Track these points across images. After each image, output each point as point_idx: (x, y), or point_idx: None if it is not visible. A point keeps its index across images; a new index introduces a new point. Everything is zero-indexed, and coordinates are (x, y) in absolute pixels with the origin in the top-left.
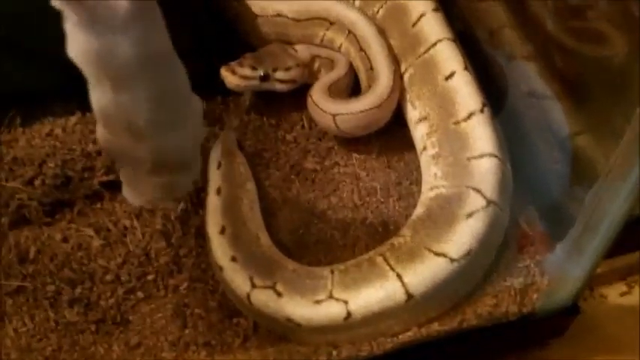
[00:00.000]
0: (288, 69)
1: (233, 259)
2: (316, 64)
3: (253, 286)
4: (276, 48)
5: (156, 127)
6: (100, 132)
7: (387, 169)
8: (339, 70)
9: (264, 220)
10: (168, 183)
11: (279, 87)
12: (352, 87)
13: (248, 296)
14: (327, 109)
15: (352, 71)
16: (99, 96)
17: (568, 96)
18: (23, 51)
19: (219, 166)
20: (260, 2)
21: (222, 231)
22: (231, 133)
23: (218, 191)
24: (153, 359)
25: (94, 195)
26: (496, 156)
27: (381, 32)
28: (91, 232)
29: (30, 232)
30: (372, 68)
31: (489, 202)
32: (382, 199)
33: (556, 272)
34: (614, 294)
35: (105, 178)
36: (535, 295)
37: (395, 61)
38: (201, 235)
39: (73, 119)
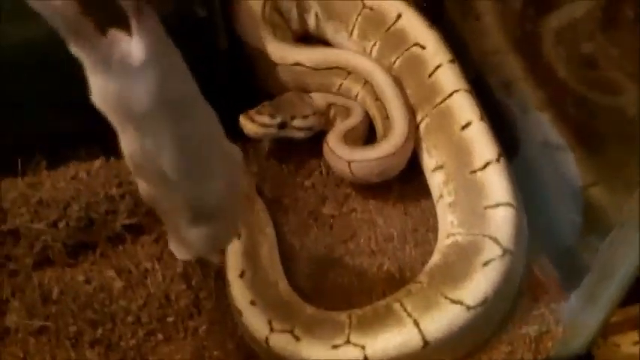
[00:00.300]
0: (305, 117)
1: (252, 302)
2: (332, 112)
3: (272, 329)
4: (293, 96)
5: (186, 174)
6: (139, 183)
7: (404, 215)
8: (355, 118)
9: (283, 265)
10: (211, 234)
11: (297, 135)
12: (367, 135)
13: (266, 340)
14: (343, 155)
15: (367, 119)
16: (127, 142)
17: (582, 146)
18: (50, 97)
19: None
20: (280, 51)
21: (242, 275)
22: (251, 178)
23: (238, 236)
24: None
25: (117, 237)
26: (512, 205)
27: (397, 82)
28: (112, 273)
29: (53, 273)
30: (387, 117)
31: (505, 251)
32: (399, 246)
33: (571, 320)
34: (627, 343)
35: (127, 221)
36: (550, 343)
37: (410, 110)
38: (221, 278)
39: (97, 163)
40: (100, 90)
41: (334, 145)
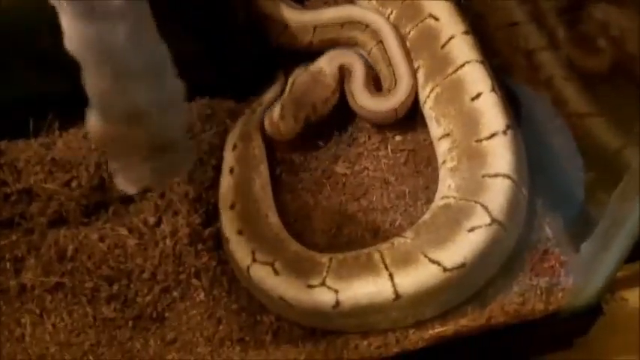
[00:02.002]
0: (326, 100)
1: (239, 232)
2: (344, 74)
3: (254, 260)
4: (306, 80)
5: (151, 109)
6: (94, 123)
7: (416, 174)
8: (361, 68)
9: (297, 223)
10: (163, 166)
11: (324, 114)
12: None
13: (248, 269)
14: (387, 106)
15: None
16: (97, 84)
17: (610, 112)
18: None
19: (234, 147)
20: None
21: (232, 206)
22: (258, 109)
23: (231, 170)
24: (189, 354)
25: (127, 197)
26: (511, 178)
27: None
28: (125, 232)
29: (68, 232)
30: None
31: (494, 221)
32: (411, 202)
33: (581, 271)
34: (634, 297)
35: None
36: (561, 294)
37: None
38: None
39: None
40: (79, 35)
41: (372, 104)
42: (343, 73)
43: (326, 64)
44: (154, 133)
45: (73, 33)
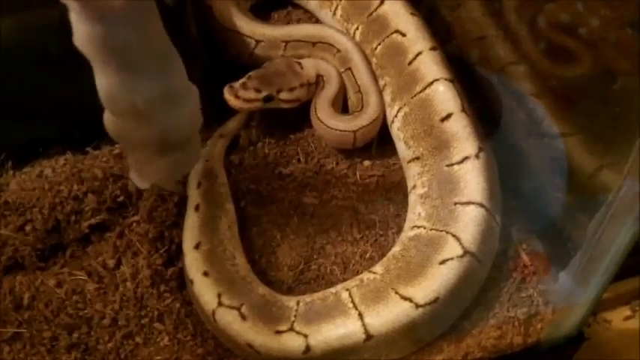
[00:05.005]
0: (292, 89)
1: (205, 274)
2: (320, 83)
3: (220, 304)
4: (282, 65)
5: (158, 107)
6: (108, 118)
7: (386, 201)
8: (335, 86)
9: (264, 258)
10: (172, 163)
11: (284, 105)
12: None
13: (213, 313)
14: (346, 127)
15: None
16: (104, 80)
17: (587, 131)
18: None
19: (198, 185)
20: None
21: (198, 246)
22: (220, 142)
23: (196, 208)
24: None
25: (84, 238)
26: (484, 206)
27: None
28: (83, 275)
29: (24, 278)
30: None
31: (466, 252)
32: (381, 232)
33: (561, 302)
34: (618, 318)
35: (93, 221)
36: (540, 325)
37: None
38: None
39: (61, 160)
40: (86, 34)
41: (334, 122)
42: (319, 81)
43: (308, 64)
44: (164, 130)
45: (80, 31)
